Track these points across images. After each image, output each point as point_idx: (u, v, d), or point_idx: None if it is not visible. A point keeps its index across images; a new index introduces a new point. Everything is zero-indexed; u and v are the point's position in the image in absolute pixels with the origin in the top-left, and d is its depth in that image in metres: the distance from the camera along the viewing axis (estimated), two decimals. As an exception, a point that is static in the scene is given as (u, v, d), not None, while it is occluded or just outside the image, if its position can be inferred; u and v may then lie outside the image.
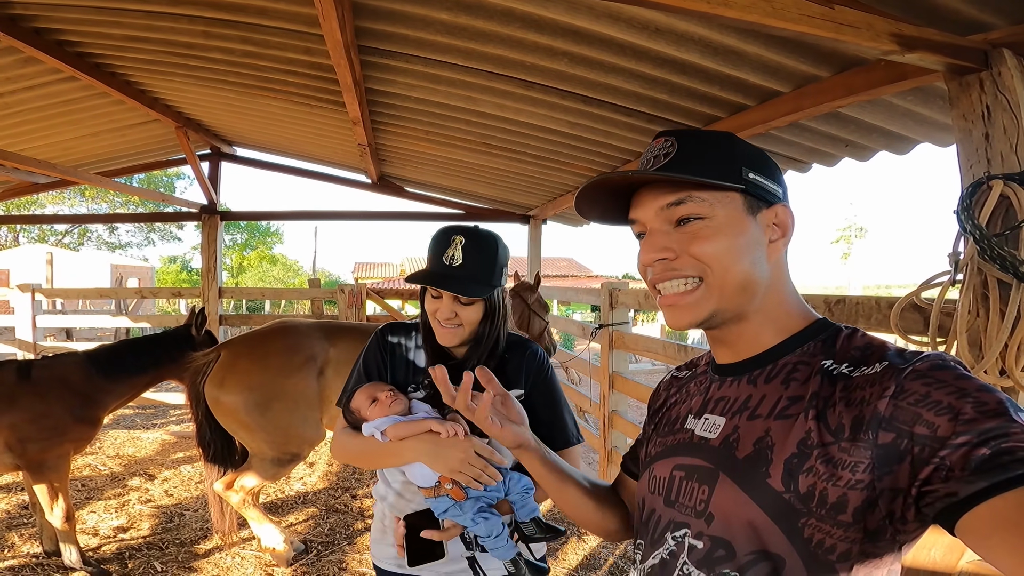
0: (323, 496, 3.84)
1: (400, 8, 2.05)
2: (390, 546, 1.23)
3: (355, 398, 1.20)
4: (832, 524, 0.56)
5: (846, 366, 0.61)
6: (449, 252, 1.16)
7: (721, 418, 0.68)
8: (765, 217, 0.67)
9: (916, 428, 0.52)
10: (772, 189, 0.68)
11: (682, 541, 0.66)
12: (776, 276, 0.68)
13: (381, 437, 1.13)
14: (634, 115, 2.51)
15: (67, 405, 2.74)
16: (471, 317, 1.19)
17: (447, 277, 1.15)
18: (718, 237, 0.65)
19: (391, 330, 1.32)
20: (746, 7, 1.09)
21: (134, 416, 5.92)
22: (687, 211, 0.66)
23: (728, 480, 0.63)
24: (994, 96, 1.21)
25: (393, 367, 1.28)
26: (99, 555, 2.94)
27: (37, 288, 5.57)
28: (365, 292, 5.63)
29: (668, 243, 0.67)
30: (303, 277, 28.32)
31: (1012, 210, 1.21)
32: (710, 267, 0.65)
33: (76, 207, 19.70)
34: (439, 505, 1.09)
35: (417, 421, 1.12)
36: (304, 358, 2.94)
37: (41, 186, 5.44)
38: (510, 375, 1.26)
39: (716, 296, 0.66)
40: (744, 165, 0.66)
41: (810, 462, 0.57)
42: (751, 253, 0.66)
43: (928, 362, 0.56)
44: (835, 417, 0.58)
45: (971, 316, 1.29)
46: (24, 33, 2.61)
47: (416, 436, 1.10)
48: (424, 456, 1.09)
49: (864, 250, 45.24)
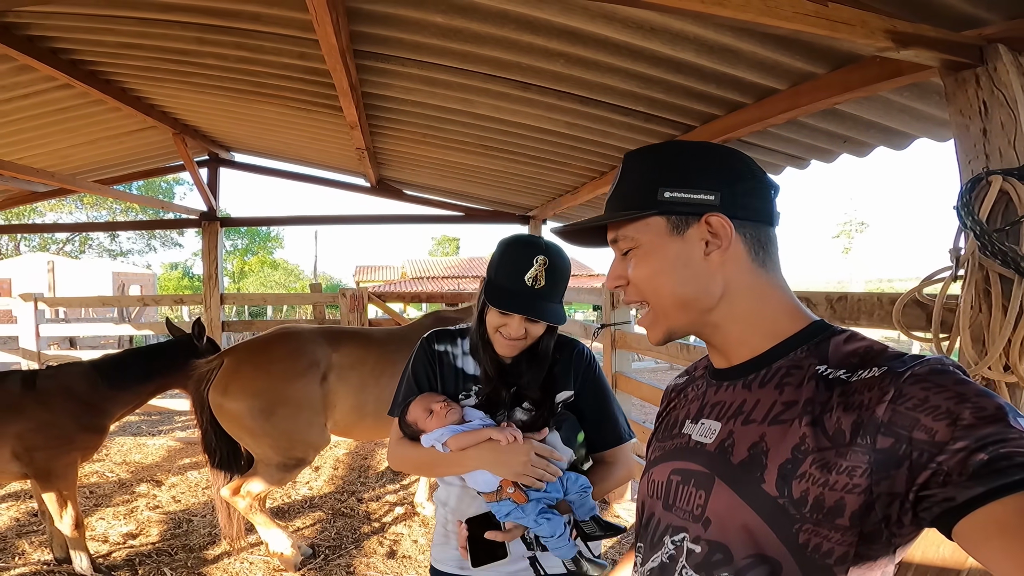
0: (329, 500, 3.85)
1: (394, 12, 2.05)
2: (453, 549, 1.24)
3: (411, 411, 1.22)
4: (829, 528, 0.56)
5: (843, 371, 0.61)
6: (532, 273, 1.15)
7: (717, 423, 0.68)
8: (695, 232, 0.66)
9: (915, 433, 0.52)
10: (696, 200, 0.66)
11: (680, 545, 0.67)
12: (738, 283, 0.67)
13: (443, 448, 1.15)
14: (631, 115, 2.51)
15: (73, 414, 2.75)
16: (537, 332, 1.20)
17: (535, 302, 1.15)
18: (645, 263, 0.69)
19: (437, 338, 1.32)
20: (741, 6, 1.08)
21: (140, 423, 5.94)
22: (622, 247, 0.71)
23: (724, 485, 0.63)
24: (990, 92, 1.20)
25: (442, 376, 1.29)
26: (109, 561, 2.96)
27: (40, 297, 5.59)
28: (367, 296, 5.64)
29: (620, 271, 0.72)
30: (304, 281, 28.38)
31: (1012, 205, 1.21)
32: (644, 292, 0.70)
33: (76, 215, 19.74)
34: (501, 509, 1.12)
35: (476, 431, 1.15)
36: (307, 363, 2.94)
37: (40, 195, 5.45)
38: (559, 376, 1.27)
39: (661, 317, 0.70)
40: (662, 185, 0.67)
41: (804, 467, 0.58)
42: (679, 272, 0.67)
43: (927, 366, 0.55)
44: (833, 422, 0.58)
45: (974, 312, 1.28)
46: (17, 41, 2.60)
47: (477, 445, 1.13)
48: (486, 464, 1.12)
49: (865, 244, 45.18)
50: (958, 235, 1.34)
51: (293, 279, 29.34)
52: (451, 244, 36.55)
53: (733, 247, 0.67)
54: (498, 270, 1.19)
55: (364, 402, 3.00)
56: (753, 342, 0.68)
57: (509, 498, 1.12)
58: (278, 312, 16.85)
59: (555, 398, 1.26)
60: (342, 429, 3.08)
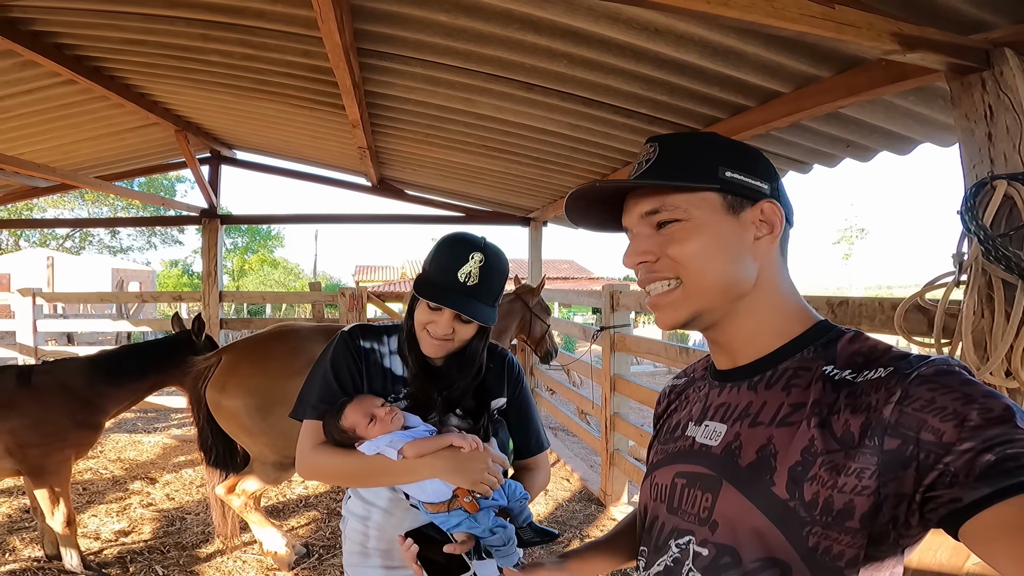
0: (325, 500, 3.83)
1: (399, 10, 2.05)
2: (374, 568, 1.21)
3: (347, 415, 1.12)
4: (839, 531, 0.55)
5: (849, 372, 0.60)
6: (466, 269, 1.10)
7: (722, 425, 0.67)
8: (749, 215, 0.66)
9: (922, 434, 0.52)
10: (754, 185, 0.66)
11: (686, 548, 0.66)
12: (767, 275, 0.67)
13: (396, 456, 1.08)
14: (634, 116, 2.51)
15: (68, 410, 2.73)
16: (466, 334, 1.15)
17: (465, 298, 1.09)
18: (693, 238, 0.65)
19: (361, 334, 1.22)
20: (746, 7, 1.08)
21: (135, 420, 5.92)
22: (663, 217, 0.66)
23: (731, 488, 0.62)
24: (996, 96, 1.20)
25: (369, 375, 1.19)
26: (100, 559, 2.94)
27: (38, 292, 5.58)
28: (366, 295, 5.63)
29: (649, 246, 0.67)
30: (304, 280, 28.35)
31: (1016, 210, 1.20)
32: (686, 268, 0.65)
33: (76, 211, 19.73)
34: (451, 519, 1.06)
35: (437, 437, 1.10)
36: (305, 361, 2.92)
37: (41, 190, 5.45)
38: (491, 384, 1.23)
39: (695, 296, 0.66)
40: (722, 164, 0.65)
41: (814, 470, 0.57)
42: (729, 252, 0.65)
43: (934, 367, 0.55)
44: (841, 424, 0.57)
45: (976, 317, 1.28)
46: (23, 36, 2.61)
47: (434, 452, 1.07)
48: (444, 471, 1.06)
49: (865, 251, 45.21)
50: (961, 240, 1.34)
51: (293, 278, 29.33)
52: (451, 246, 36.51)
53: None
54: (432, 264, 1.14)
55: (362, 401, 2.99)
56: (761, 341, 0.67)
57: (462, 507, 1.06)
58: (276, 311, 16.84)
59: (491, 406, 1.23)
60: (339, 428, 3.06)
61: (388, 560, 1.23)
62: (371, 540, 1.22)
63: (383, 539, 1.22)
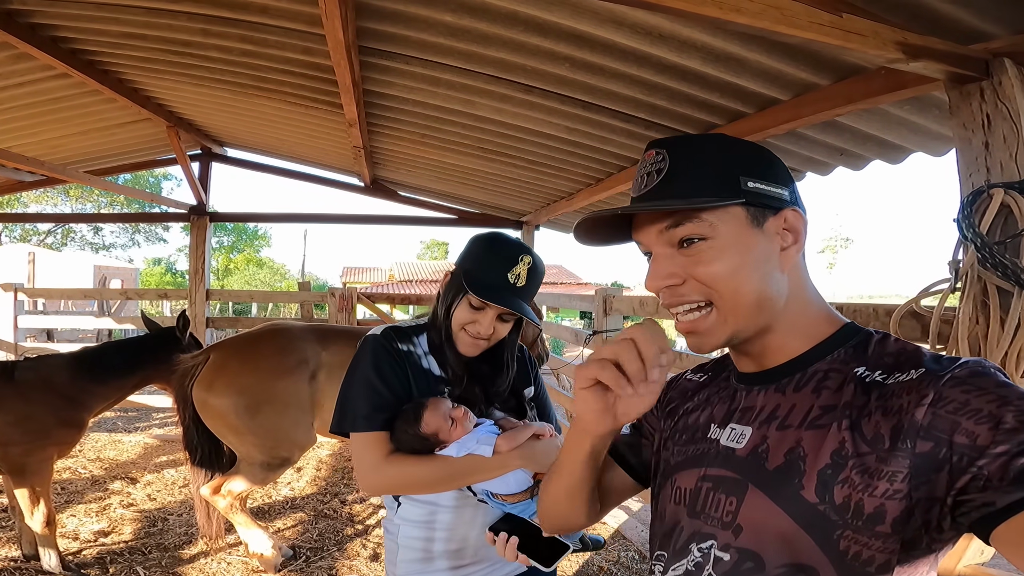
0: (312, 501, 3.78)
1: (403, 9, 2.05)
2: (441, 571, 1.18)
3: (427, 422, 1.10)
4: (870, 536, 0.54)
5: (879, 373, 0.59)
6: (516, 271, 1.13)
7: (748, 428, 0.65)
8: (773, 225, 0.63)
9: (955, 437, 0.51)
10: (776, 194, 0.63)
11: (708, 552, 0.64)
12: (795, 283, 0.65)
13: (486, 453, 1.09)
14: (632, 121, 2.52)
15: (51, 408, 2.67)
16: (503, 333, 1.17)
17: (515, 298, 1.12)
18: (723, 258, 0.61)
19: (396, 336, 1.20)
20: (757, 13, 1.09)
21: (116, 419, 5.80)
22: (686, 232, 0.62)
23: (758, 491, 0.61)
24: (994, 105, 1.22)
25: (414, 377, 1.19)
26: (79, 559, 2.87)
27: (20, 288, 5.46)
28: (355, 296, 5.59)
29: (673, 268, 0.64)
30: (290, 281, 28.09)
31: (1012, 218, 1.23)
32: (718, 292, 0.62)
33: (60, 206, 19.39)
34: (532, 506, 1.09)
35: (523, 429, 1.14)
36: (296, 361, 2.89)
37: (26, 184, 5.34)
38: (519, 378, 1.27)
39: (731, 319, 0.63)
40: (742, 173, 0.62)
41: (845, 473, 0.56)
42: (761, 268, 0.62)
43: (967, 368, 0.54)
44: (871, 426, 0.56)
45: (971, 323, 1.30)
46: (20, 29, 2.58)
47: (520, 444, 1.12)
48: (532, 460, 1.11)
49: (849, 260, 45.71)
50: (957, 247, 1.36)
51: (279, 278, 29.01)
52: (440, 248, 36.45)
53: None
54: (480, 263, 1.14)
55: (353, 402, 2.95)
56: (791, 346, 0.65)
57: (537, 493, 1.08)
58: (263, 310, 16.65)
59: (525, 397, 1.28)
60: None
61: (457, 560, 1.20)
62: (437, 543, 1.18)
63: (453, 539, 1.19)
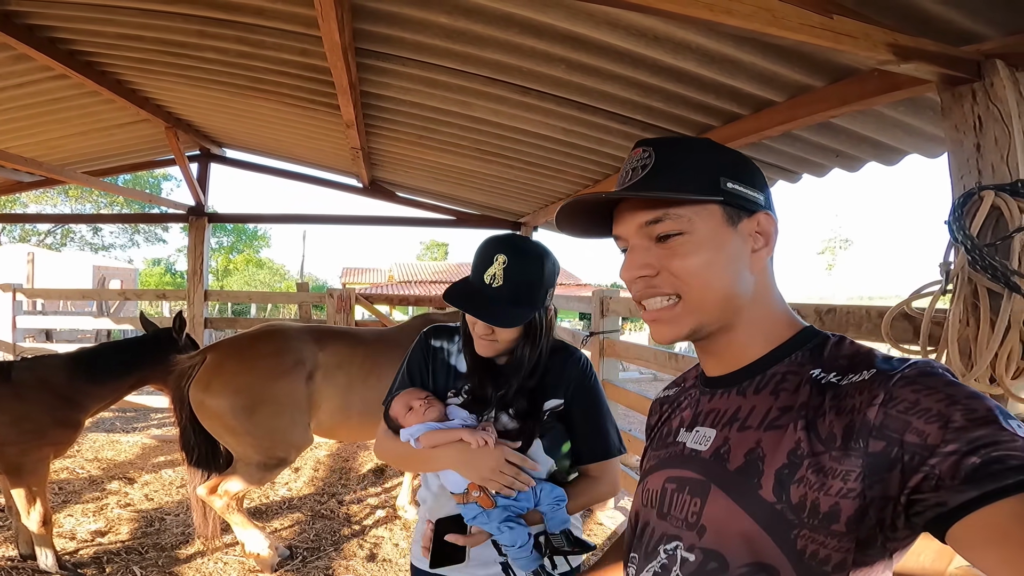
0: (309, 502, 3.79)
1: (399, 11, 2.05)
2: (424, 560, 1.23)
3: (393, 405, 1.23)
4: (826, 535, 0.55)
5: (834, 375, 0.60)
6: (491, 271, 1.09)
7: (712, 430, 0.67)
8: (747, 226, 0.66)
9: (906, 436, 0.52)
10: (752, 197, 0.66)
11: (674, 553, 0.65)
12: (761, 285, 0.67)
13: (415, 444, 1.15)
14: (629, 123, 2.53)
15: (48, 408, 2.68)
16: (507, 336, 1.15)
17: (483, 301, 1.09)
18: (698, 252, 0.64)
19: (435, 333, 1.30)
20: (748, 15, 1.10)
21: (114, 419, 5.80)
22: (665, 228, 0.65)
23: (720, 492, 0.62)
24: (986, 107, 1.23)
25: (434, 372, 1.27)
26: (76, 559, 2.87)
27: (18, 288, 5.46)
28: (354, 297, 5.59)
29: (648, 259, 0.66)
30: (289, 282, 28.10)
31: (1003, 220, 1.23)
32: (688, 283, 0.65)
33: (59, 207, 19.39)
34: (468, 511, 1.12)
35: (448, 430, 1.14)
36: (293, 361, 2.90)
37: (26, 184, 5.35)
38: (550, 384, 1.21)
39: (696, 311, 0.66)
40: (723, 174, 0.65)
41: (801, 472, 0.57)
42: (732, 266, 0.65)
43: (916, 369, 0.55)
44: (826, 426, 0.57)
45: (962, 325, 1.30)
46: (18, 30, 2.59)
47: (448, 444, 1.12)
48: (454, 464, 1.12)
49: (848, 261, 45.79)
50: (948, 249, 1.37)
51: (278, 279, 29.03)
52: (440, 249, 36.47)
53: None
54: (473, 267, 1.16)
55: (350, 403, 2.96)
56: (753, 347, 0.68)
57: (475, 501, 1.11)
58: (262, 311, 16.64)
59: (543, 408, 1.21)
60: (326, 430, 3.03)
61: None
62: (424, 521, 1.28)
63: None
